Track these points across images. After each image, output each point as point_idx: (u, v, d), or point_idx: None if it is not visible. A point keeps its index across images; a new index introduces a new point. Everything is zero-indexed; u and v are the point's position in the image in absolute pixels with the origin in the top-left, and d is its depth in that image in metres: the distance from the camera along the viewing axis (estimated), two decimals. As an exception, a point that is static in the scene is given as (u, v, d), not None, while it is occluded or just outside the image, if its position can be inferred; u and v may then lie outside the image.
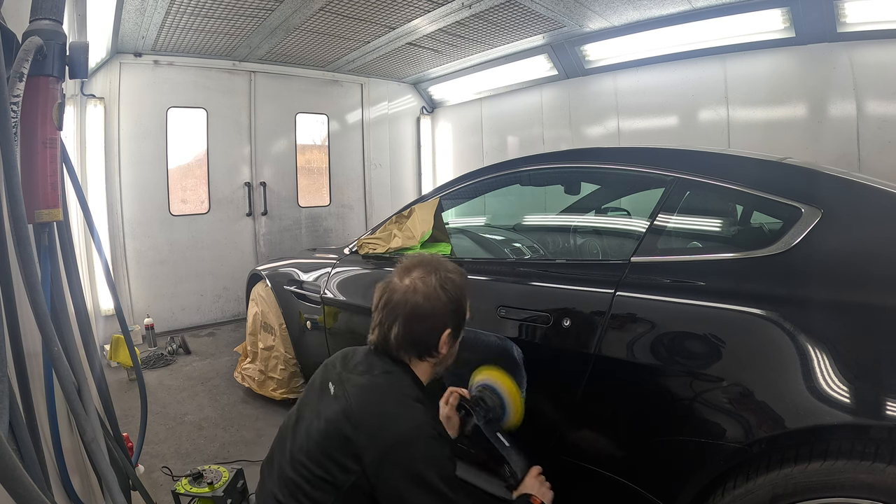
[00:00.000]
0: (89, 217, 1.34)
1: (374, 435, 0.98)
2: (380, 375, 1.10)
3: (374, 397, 1.05)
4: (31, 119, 0.90)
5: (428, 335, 1.13)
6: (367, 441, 0.97)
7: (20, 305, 0.80)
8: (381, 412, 1.01)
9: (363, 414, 1.01)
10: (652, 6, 3.37)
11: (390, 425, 0.99)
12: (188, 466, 2.08)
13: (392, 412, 1.01)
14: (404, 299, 1.11)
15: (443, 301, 1.12)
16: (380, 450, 0.96)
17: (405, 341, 1.12)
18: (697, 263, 1.30)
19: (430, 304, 1.11)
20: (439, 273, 1.14)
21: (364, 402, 1.03)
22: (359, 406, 1.02)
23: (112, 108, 3.98)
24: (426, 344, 1.13)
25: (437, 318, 1.12)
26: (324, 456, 1.00)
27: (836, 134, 3.13)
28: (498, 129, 5.39)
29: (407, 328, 1.11)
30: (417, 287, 1.12)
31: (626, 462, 1.28)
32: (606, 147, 3.50)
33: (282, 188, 5.03)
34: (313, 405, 1.13)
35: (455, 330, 1.16)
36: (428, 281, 1.12)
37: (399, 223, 2.14)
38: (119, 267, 4.11)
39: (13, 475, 0.55)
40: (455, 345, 1.20)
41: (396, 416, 1.01)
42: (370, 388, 1.07)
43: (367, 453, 0.96)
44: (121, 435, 1.34)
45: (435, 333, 1.13)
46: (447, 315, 1.13)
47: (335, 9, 3.44)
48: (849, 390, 0.94)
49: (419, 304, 1.10)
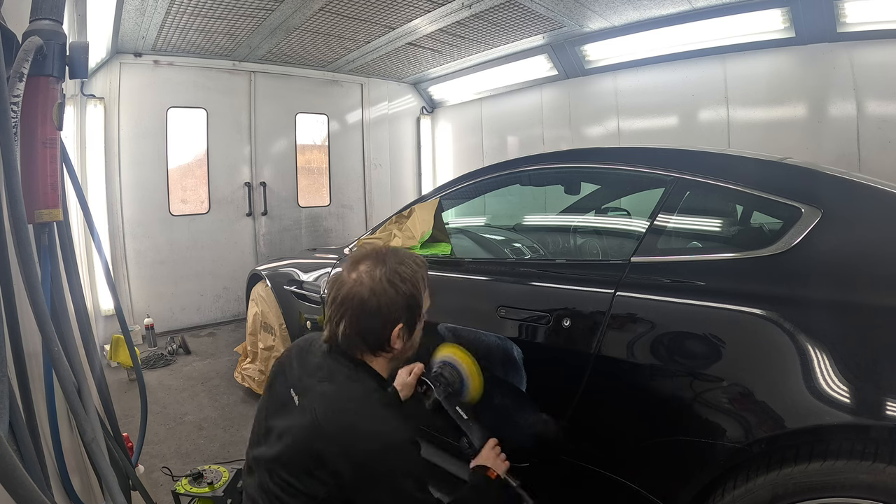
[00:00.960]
0: (89, 217, 1.34)
1: (348, 451, 0.95)
2: (344, 383, 1.06)
3: (342, 410, 1.01)
4: (31, 119, 0.90)
5: (377, 331, 1.08)
6: (342, 457, 0.95)
7: (20, 305, 0.80)
8: (351, 426, 0.98)
9: (334, 430, 0.98)
10: (652, 6, 3.37)
11: (363, 441, 0.96)
12: (188, 466, 2.08)
13: (364, 428, 0.98)
14: (350, 294, 1.06)
15: (390, 295, 1.06)
16: (356, 465, 0.95)
17: (354, 338, 1.08)
18: (697, 263, 1.29)
19: (377, 298, 1.05)
20: (387, 265, 1.09)
21: (332, 417, 0.99)
22: (327, 421, 0.99)
23: (112, 108, 3.98)
24: (376, 339, 1.09)
25: (386, 313, 1.07)
26: (299, 469, 0.99)
27: (836, 134, 3.13)
28: (498, 129, 5.39)
29: (354, 325, 1.06)
30: (363, 281, 1.07)
31: (625, 462, 1.28)
32: (606, 147, 3.50)
33: (282, 188, 5.03)
34: (281, 417, 1.09)
35: (408, 323, 1.11)
36: (374, 274, 1.07)
37: (399, 223, 2.14)
38: (119, 267, 4.11)
39: (13, 475, 0.55)
40: (412, 338, 1.15)
41: (368, 431, 0.98)
42: (336, 400, 1.03)
43: (344, 469, 0.95)
44: (121, 435, 1.33)
45: (386, 329, 1.08)
46: (397, 309, 1.08)
47: (335, 9, 3.44)
48: (849, 390, 0.94)
49: (365, 300, 1.05)
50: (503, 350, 1.53)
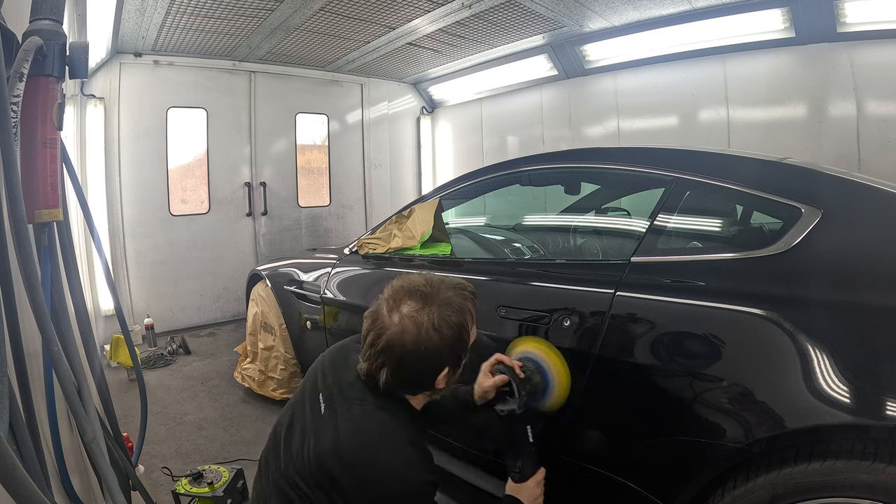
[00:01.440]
0: (89, 217, 1.34)
1: (363, 485, 0.93)
2: (373, 411, 1.01)
3: (365, 440, 0.97)
4: (31, 119, 0.90)
5: (421, 377, 1.03)
6: (355, 489, 0.93)
7: (20, 305, 0.80)
8: (371, 460, 0.95)
9: (353, 458, 0.95)
10: (652, 6, 3.37)
11: (380, 478, 0.94)
12: (188, 466, 2.08)
13: (383, 465, 0.95)
14: (391, 343, 0.98)
15: (435, 342, 0.98)
16: (367, 500, 0.93)
17: (395, 385, 1.02)
18: (697, 263, 1.29)
19: (422, 347, 0.98)
20: (434, 305, 1.00)
21: (354, 444, 0.96)
22: (349, 448, 0.96)
23: (112, 108, 3.98)
24: (420, 384, 1.05)
25: (431, 361, 1.01)
26: (314, 484, 0.98)
27: (836, 134, 3.13)
28: (498, 129, 5.39)
29: (397, 374, 1.00)
30: (406, 328, 0.98)
31: (626, 462, 1.28)
32: (606, 147, 3.50)
33: (282, 188, 5.03)
34: (305, 419, 1.08)
35: (454, 366, 1.05)
36: (420, 320, 0.99)
37: (399, 223, 2.14)
38: (119, 267, 4.11)
39: (13, 475, 0.55)
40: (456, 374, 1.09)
41: (387, 469, 0.94)
42: (361, 429, 0.99)
43: (354, 499, 0.93)
44: (121, 435, 1.34)
45: (429, 375, 1.03)
46: (443, 355, 1.01)
47: (335, 9, 3.44)
48: (849, 390, 0.94)
49: (409, 350, 0.98)
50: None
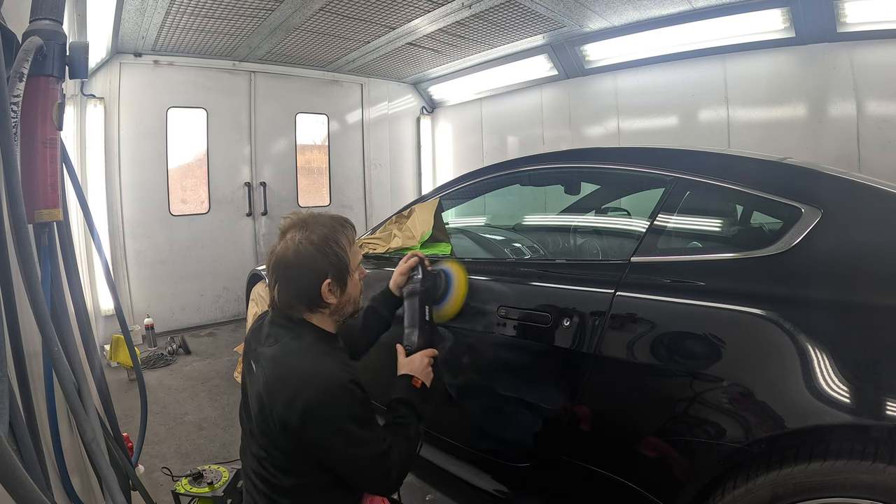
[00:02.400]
0: (89, 217, 1.34)
1: (291, 399, 1.02)
2: (287, 342, 1.14)
3: (284, 366, 1.09)
4: (31, 119, 0.90)
5: (307, 288, 1.15)
6: (286, 405, 1.01)
7: (20, 305, 0.80)
8: (292, 377, 1.06)
9: (276, 384, 1.06)
10: (652, 6, 3.37)
11: (303, 387, 1.03)
12: (188, 466, 2.08)
13: (301, 376, 1.05)
14: (277, 259, 1.16)
15: (311, 253, 1.14)
16: (298, 411, 1.00)
17: (288, 297, 1.16)
18: (697, 263, 1.29)
19: (299, 258, 1.14)
20: (308, 227, 1.17)
21: (275, 372, 1.08)
22: (272, 377, 1.07)
23: (112, 108, 3.98)
24: (308, 296, 1.16)
25: (311, 269, 1.14)
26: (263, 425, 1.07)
27: (836, 134, 3.13)
28: (498, 129, 5.39)
29: (285, 285, 1.15)
30: (288, 245, 1.16)
31: (626, 462, 1.27)
32: (606, 147, 3.49)
33: (282, 188, 5.03)
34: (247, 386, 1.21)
35: (337, 278, 1.17)
36: (295, 236, 1.16)
37: (399, 223, 2.14)
38: (119, 267, 4.11)
39: (13, 475, 0.55)
40: (346, 291, 1.21)
41: (305, 379, 1.04)
42: (279, 357, 1.11)
43: (289, 418, 1.01)
44: (121, 435, 1.34)
45: (314, 285, 1.15)
46: (320, 265, 1.15)
47: (335, 9, 3.44)
48: (849, 390, 0.94)
49: (289, 261, 1.14)
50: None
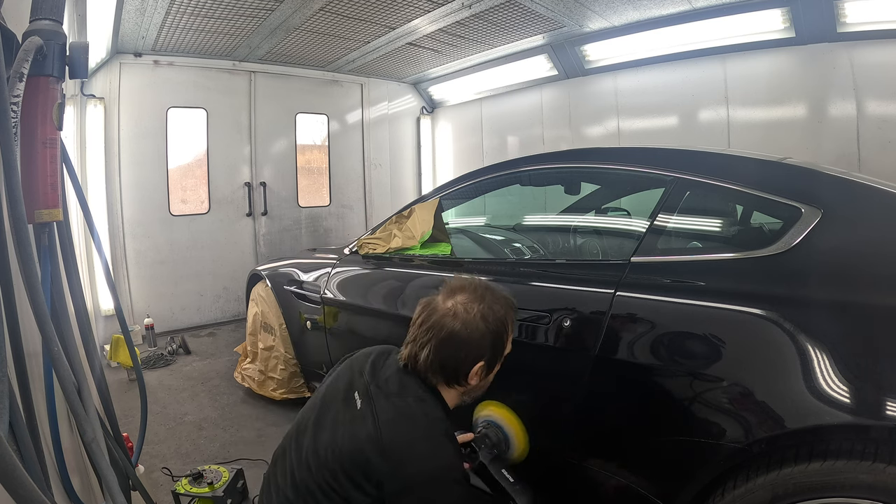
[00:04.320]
0: (89, 217, 1.34)
1: (401, 468, 0.96)
2: (413, 402, 1.06)
3: (405, 428, 1.01)
4: (31, 119, 0.90)
5: (459, 363, 1.09)
6: (392, 472, 0.96)
7: (20, 305, 0.80)
8: (410, 446, 0.98)
9: (392, 444, 0.98)
10: (652, 6, 3.37)
11: (418, 463, 0.97)
12: (188, 466, 2.08)
13: (422, 449, 0.99)
14: (441, 323, 1.08)
15: (481, 331, 1.08)
16: (403, 484, 0.95)
17: (434, 365, 1.09)
18: (697, 263, 1.29)
19: (468, 332, 1.08)
20: (485, 301, 1.11)
21: (394, 431, 1.00)
22: (388, 435, 0.99)
23: (112, 108, 3.98)
24: (455, 372, 1.10)
25: (472, 348, 1.09)
26: (342, 472, 0.99)
27: (836, 134, 3.13)
28: (498, 129, 5.38)
29: (438, 353, 1.08)
30: (458, 312, 1.09)
31: (626, 462, 1.28)
32: (606, 147, 3.50)
33: (282, 188, 5.03)
34: (336, 412, 1.10)
35: (489, 363, 1.13)
36: (470, 308, 1.09)
37: (399, 223, 2.14)
38: (119, 267, 4.11)
39: (13, 475, 0.55)
40: (488, 377, 1.17)
41: (425, 454, 0.98)
42: (402, 417, 1.03)
43: (389, 484, 0.95)
44: (121, 435, 1.33)
45: (467, 363, 1.10)
46: (483, 346, 1.10)
47: (335, 9, 3.44)
48: (849, 390, 0.94)
49: (456, 331, 1.07)
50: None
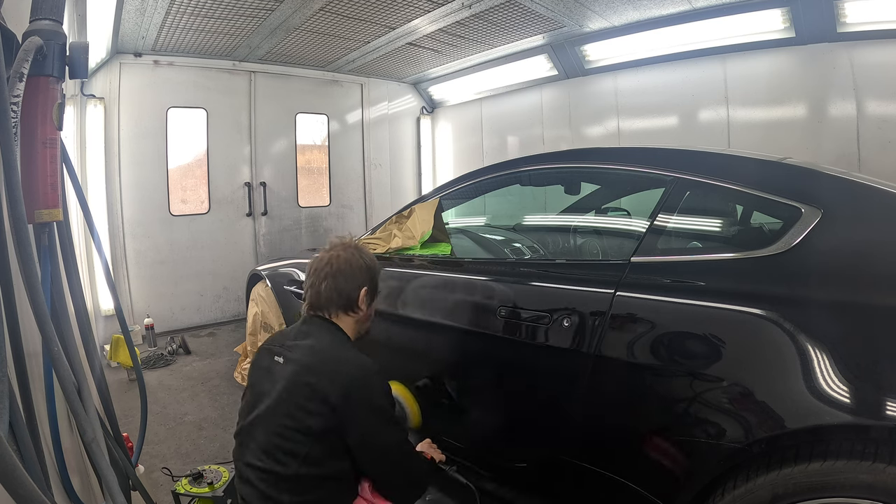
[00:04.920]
0: (89, 217, 1.34)
1: (334, 377, 1.15)
2: (322, 336, 1.29)
3: (324, 350, 1.24)
4: (31, 119, 0.90)
5: (349, 290, 1.33)
6: (329, 383, 1.14)
7: (20, 305, 0.80)
8: (334, 359, 1.21)
9: (319, 364, 1.19)
10: (652, 6, 3.37)
11: (345, 367, 1.18)
12: (188, 466, 2.08)
13: (343, 357, 1.22)
14: (330, 261, 1.35)
15: (359, 264, 1.36)
16: (342, 388, 1.14)
17: (332, 293, 1.32)
18: (697, 263, 1.29)
19: (350, 266, 1.35)
20: (356, 248, 1.40)
21: (317, 355, 1.22)
22: (314, 359, 1.21)
23: (112, 108, 3.98)
24: (348, 297, 1.33)
25: (356, 277, 1.35)
26: (293, 407, 1.15)
27: (836, 134, 3.13)
28: (498, 129, 5.38)
29: (335, 281, 1.33)
30: (340, 254, 1.37)
31: (626, 462, 1.28)
32: (606, 147, 3.49)
33: (282, 188, 5.03)
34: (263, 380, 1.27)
35: (371, 291, 1.38)
36: (348, 251, 1.38)
37: (399, 223, 2.14)
38: (119, 267, 4.11)
39: (13, 475, 0.55)
40: (371, 307, 1.40)
41: (348, 360, 1.21)
42: (317, 346, 1.25)
43: (332, 393, 1.13)
44: (121, 435, 1.34)
45: (355, 289, 1.34)
46: (364, 274, 1.36)
47: (335, 9, 3.44)
48: (849, 390, 0.94)
49: (341, 265, 1.34)
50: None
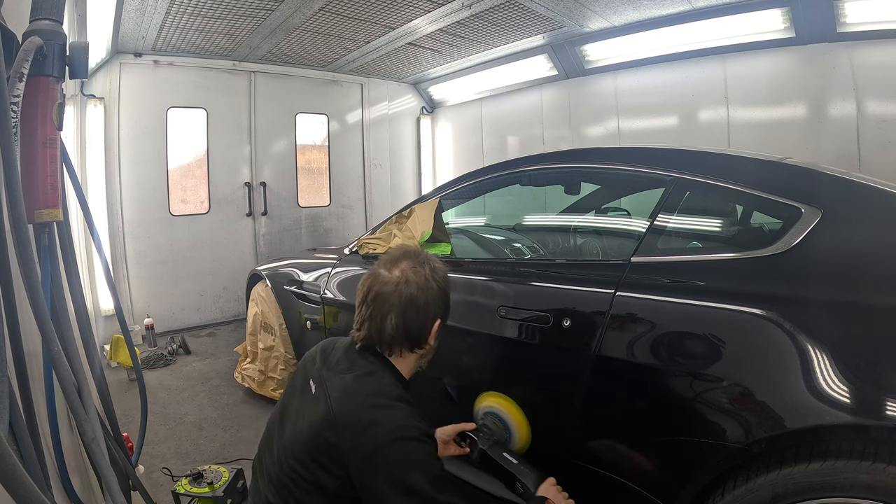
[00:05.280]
0: (89, 217, 1.34)
1: (356, 441, 0.96)
2: (362, 376, 1.08)
3: (356, 400, 1.02)
4: (31, 119, 0.90)
5: (422, 325, 1.12)
6: (349, 447, 0.96)
7: (20, 305, 0.80)
8: (361, 416, 0.99)
9: (344, 418, 0.98)
10: (652, 6, 3.37)
11: (370, 430, 0.96)
12: (188, 466, 2.08)
13: (372, 416, 0.98)
14: (398, 291, 1.10)
15: (434, 291, 1.13)
16: (362, 456, 0.95)
17: (400, 332, 1.11)
18: (697, 263, 1.29)
19: (424, 294, 1.11)
20: (429, 264, 1.15)
21: (345, 405, 1.01)
22: (340, 410, 1.00)
23: (112, 108, 3.98)
24: (419, 335, 1.13)
25: (430, 308, 1.13)
26: (309, 460, 1.00)
27: (836, 134, 3.13)
28: (498, 129, 5.38)
29: (403, 318, 1.10)
30: (409, 278, 1.11)
31: (626, 462, 1.28)
32: (606, 147, 3.50)
33: (282, 188, 5.03)
34: (296, 404, 1.13)
35: (444, 319, 1.18)
36: (419, 271, 1.13)
37: (399, 223, 2.14)
38: (119, 267, 4.11)
39: (13, 475, 0.55)
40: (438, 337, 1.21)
41: (377, 420, 0.98)
42: (351, 391, 1.04)
43: (351, 460, 0.95)
44: (121, 435, 1.33)
45: (428, 324, 1.13)
46: (439, 305, 1.14)
47: (335, 9, 3.44)
48: (849, 390, 0.94)
49: (414, 295, 1.10)
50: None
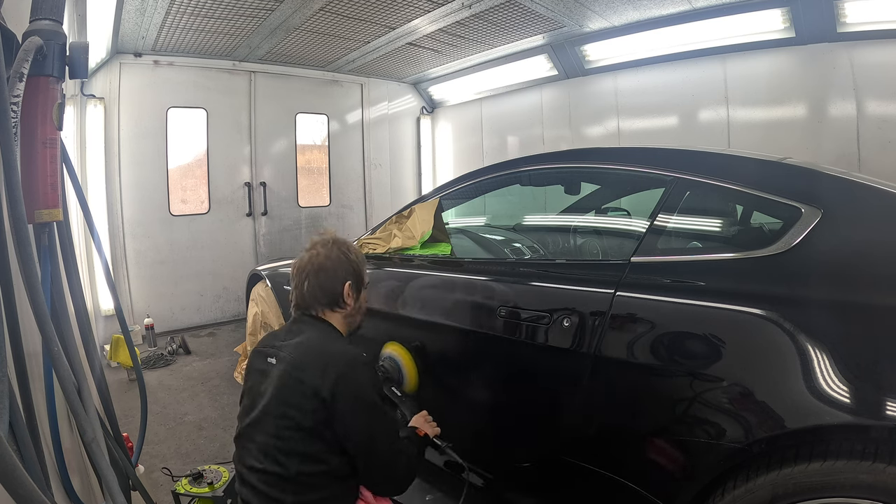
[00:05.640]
0: (89, 217, 1.34)
1: (323, 370, 1.16)
2: (311, 333, 1.29)
3: (312, 345, 1.25)
4: (31, 119, 0.90)
5: (333, 285, 1.34)
6: (319, 376, 1.16)
7: (20, 305, 0.80)
8: (321, 353, 1.22)
9: (308, 359, 1.21)
10: (652, 6, 3.37)
11: (333, 360, 1.19)
12: (188, 466, 2.08)
13: (331, 350, 1.24)
14: (310, 261, 1.36)
15: (342, 259, 1.36)
16: (331, 380, 1.15)
17: (315, 291, 1.33)
18: (697, 263, 1.29)
19: (331, 261, 1.35)
20: (338, 243, 1.40)
21: (305, 351, 1.23)
22: (302, 355, 1.22)
23: (112, 108, 3.98)
24: (333, 293, 1.34)
25: (338, 271, 1.35)
26: (284, 405, 1.17)
27: (836, 134, 3.13)
28: (498, 129, 5.38)
29: (314, 281, 1.34)
30: (320, 251, 1.38)
31: (626, 462, 1.28)
32: (606, 147, 3.49)
33: (282, 188, 5.03)
34: (259, 383, 1.27)
35: (355, 283, 1.38)
36: (330, 247, 1.38)
37: (399, 223, 2.14)
38: (119, 267, 4.11)
39: (13, 475, 0.55)
40: (359, 301, 1.41)
41: (335, 352, 1.23)
42: (306, 342, 1.26)
43: (322, 386, 1.14)
44: (121, 435, 1.34)
45: (338, 284, 1.35)
46: (346, 268, 1.37)
47: (335, 9, 3.44)
48: (849, 390, 0.94)
49: (322, 262, 1.35)
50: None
